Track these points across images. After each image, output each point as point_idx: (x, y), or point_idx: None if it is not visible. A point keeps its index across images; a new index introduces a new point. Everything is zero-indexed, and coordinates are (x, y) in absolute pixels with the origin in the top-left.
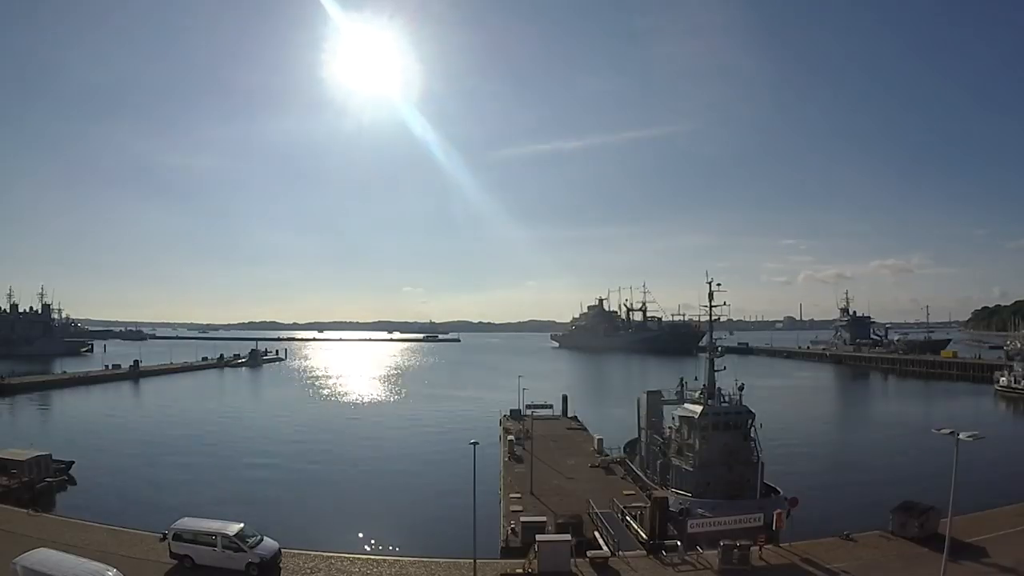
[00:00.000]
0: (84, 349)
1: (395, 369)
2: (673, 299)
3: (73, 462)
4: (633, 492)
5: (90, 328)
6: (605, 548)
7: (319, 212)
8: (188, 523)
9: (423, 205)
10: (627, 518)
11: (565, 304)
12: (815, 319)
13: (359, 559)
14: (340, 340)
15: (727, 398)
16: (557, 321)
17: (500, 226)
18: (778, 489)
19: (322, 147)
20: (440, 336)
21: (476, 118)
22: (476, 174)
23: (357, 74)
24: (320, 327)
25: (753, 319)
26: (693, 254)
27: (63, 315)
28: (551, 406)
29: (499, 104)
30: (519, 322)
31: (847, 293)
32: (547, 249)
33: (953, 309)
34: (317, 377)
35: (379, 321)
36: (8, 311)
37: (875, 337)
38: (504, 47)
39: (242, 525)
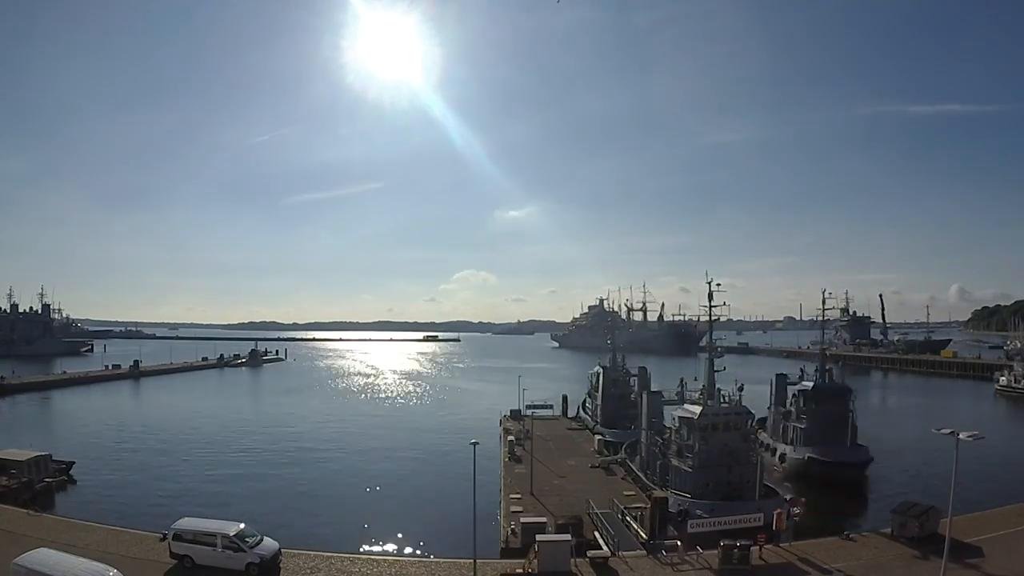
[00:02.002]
0: (84, 349)
1: (394, 368)
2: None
3: (73, 462)
4: (633, 492)
5: (90, 328)
6: (605, 548)
7: (324, 209)
8: (188, 523)
9: (428, 202)
10: (627, 518)
11: (569, 303)
12: (815, 319)
13: (359, 559)
14: (340, 340)
15: (727, 398)
16: (557, 321)
17: (506, 222)
18: (778, 489)
19: (340, 138)
20: (440, 336)
21: (494, 105)
22: (496, 162)
23: (377, 60)
24: (320, 327)
25: (753, 319)
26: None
27: (63, 315)
28: (551, 406)
29: (517, 91)
30: (519, 322)
31: (847, 293)
32: (554, 246)
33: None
34: (317, 377)
35: (379, 321)
36: (8, 311)
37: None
38: (524, 33)
39: (242, 525)
